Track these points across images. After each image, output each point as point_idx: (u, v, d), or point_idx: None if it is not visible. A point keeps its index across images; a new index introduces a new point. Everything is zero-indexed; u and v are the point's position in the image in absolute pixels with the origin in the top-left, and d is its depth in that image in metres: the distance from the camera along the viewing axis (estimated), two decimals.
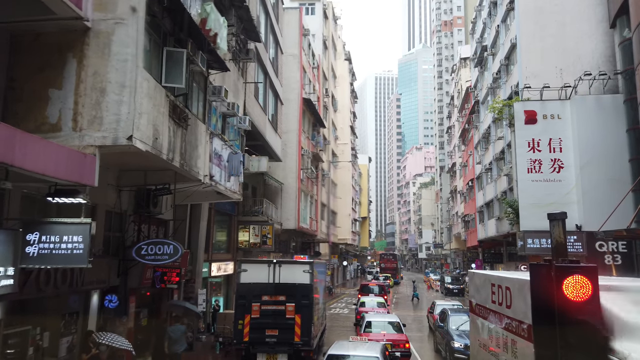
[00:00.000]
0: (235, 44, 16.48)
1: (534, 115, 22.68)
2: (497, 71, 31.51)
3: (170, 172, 11.58)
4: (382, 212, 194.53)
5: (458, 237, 54.67)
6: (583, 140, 21.91)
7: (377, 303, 24.46)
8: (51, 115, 8.53)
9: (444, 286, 46.27)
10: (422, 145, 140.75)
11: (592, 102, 22.41)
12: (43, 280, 9.46)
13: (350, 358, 10.75)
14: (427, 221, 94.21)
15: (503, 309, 7.67)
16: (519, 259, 25.94)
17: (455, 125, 57.96)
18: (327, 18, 46.79)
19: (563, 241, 4.39)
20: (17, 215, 8.74)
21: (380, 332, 16.13)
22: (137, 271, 12.95)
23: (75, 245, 8.07)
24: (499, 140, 31.16)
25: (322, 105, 42.06)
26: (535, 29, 25.49)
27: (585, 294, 3.91)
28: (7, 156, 6.37)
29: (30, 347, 9.78)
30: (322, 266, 20.46)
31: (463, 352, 14.63)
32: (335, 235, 49.48)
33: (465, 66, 52.56)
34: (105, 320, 12.35)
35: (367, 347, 11.47)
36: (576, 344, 3.84)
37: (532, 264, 4.52)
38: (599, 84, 23.07)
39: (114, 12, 8.78)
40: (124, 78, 8.59)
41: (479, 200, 38.92)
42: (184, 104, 11.31)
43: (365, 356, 10.70)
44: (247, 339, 13.64)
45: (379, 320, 17.56)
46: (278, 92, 26.11)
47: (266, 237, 24.22)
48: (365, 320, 17.42)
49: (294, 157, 31.35)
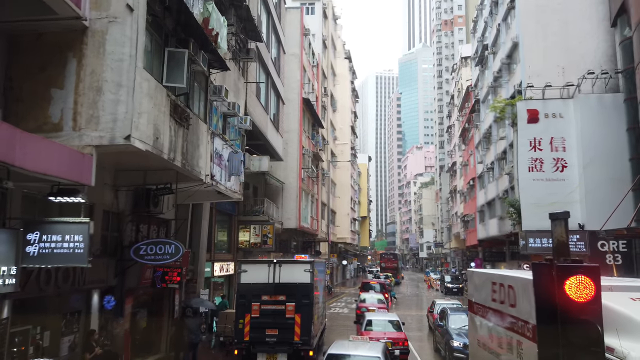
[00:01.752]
0: (235, 43, 16.46)
1: (536, 114, 22.64)
2: (498, 70, 31.46)
3: (171, 172, 11.56)
4: (383, 211, 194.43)
5: (457, 237, 54.67)
6: (586, 139, 21.87)
7: (377, 300, 25.01)
8: (53, 114, 8.53)
9: (444, 285, 46.27)
10: (423, 145, 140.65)
11: (595, 101, 22.36)
12: (44, 279, 9.46)
13: (351, 358, 10.31)
14: (427, 221, 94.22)
15: (506, 307, 7.57)
16: (522, 258, 25.92)
17: (455, 125, 57.89)
18: (327, 18, 46.80)
19: (565, 240, 4.37)
20: (18, 215, 8.74)
21: (381, 331, 16.27)
22: (135, 271, 12.92)
23: (76, 244, 8.08)
24: (501, 140, 31.13)
25: (321, 106, 42.05)
26: (537, 28, 25.44)
27: (588, 294, 3.89)
28: (8, 156, 6.36)
29: (31, 347, 9.78)
30: (322, 265, 20.44)
31: (462, 351, 14.62)
32: (334, 234, 49.49)
33: (466, 65, 52.50)
34: (106, 319, 12.36)
35: (368, 346, 11.02)
36: (579, 344, 3.82)
37: (534, 263, 4.50)
38: (601, 83, 23.03)
39: (108, 11, 8.75)
40: (120, 77, 8.56)
41: (480, 200, 38.90)
42: (185, 103, 11.29)
43: (366, 356, 10.25)
44: (248, 338, 13.64)
45: (380, 319, 17.77)
46: (280, 91, 26.10)
47: (267, 237, 24.18)
48: (366, 319, 17.65)
49: (295, 157, 31.34)
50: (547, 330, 4.02)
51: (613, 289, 6.53)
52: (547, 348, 4.00)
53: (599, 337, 3.88)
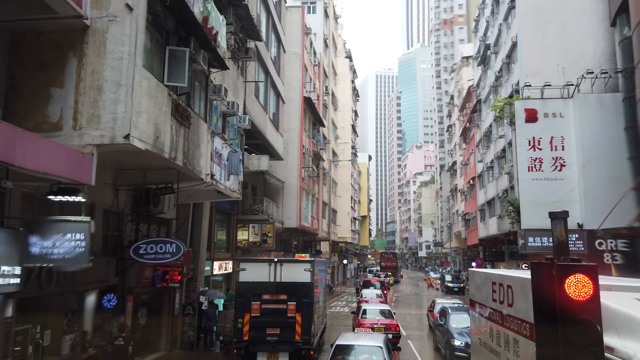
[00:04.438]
0: (234, 42, 16.48)
1: (534, 114, 22.65)
2: (499, 69, 31.49)
3: (172, 171, 11.57)
4: (383, 211, 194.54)
5: (458, 236, 54.67)
6: (585, 138, 21.88)
7: (376, 295, 27.56)
8: (52, 114, 8.53)
9: (444, 284, 46.18)
10: (422, 144, 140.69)
11: (594, 100, 22.37)
12: (45, 278, 9.47)
13: (356, 348, 11.31)
14: (427, 220, 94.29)
15: (505, 307, 7.68)
16: (521, 257, 25.94)
17: (455, 124, 57.91)
18: (328, 17, 46.84)
19: (564, 240, 4.38)
20: (18, 214, 8.75)
21: (374, 318, 18.45)
22: (134, 270, 12.94)
23: (78, 243, 8.08)
24: (500, 138, 31.16)
25: (322, 104, 42.07)
26: (537, 27, 25.45)
27: (587, 293, 3.91)
28: (8, 155, 6.37)
29: (30, 346, 9.79)
30: (323, 265, 20.48)
31: (464, 350, 14.61)
32: (335, 233, 49.53)
33: (467, 65, 52.50)
34: (103, 319, 12.36)
35: (371, 337, 12.23)
36: (578, 343, 3.84)
37: (533, 262, 4.51)
38: (600, 82, 23.04)
39: (108, 10, 8.77)
40: (120, 76, 8.58)
41: (480, 199, 38.92)
42: (186, 103, 11.30)
43: (370, 346, 11.27)
44: (247, 337, 13.64)
45: (373, 308, 20.07)
46: (280, 90, 26.10)
47: (266, 236, 24.18)
48: (362, 308, 19.70)
49: (296, 156, 31.33)
50: (545, 329, 4.04)
51: (612, 288, 6.55)
52: (545, 346, 4.02)
53: (598, 336, 3.90)
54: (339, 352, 11.24)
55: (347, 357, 11.16)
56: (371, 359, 10.91)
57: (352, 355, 11.20)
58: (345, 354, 11.21)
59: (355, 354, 11.18)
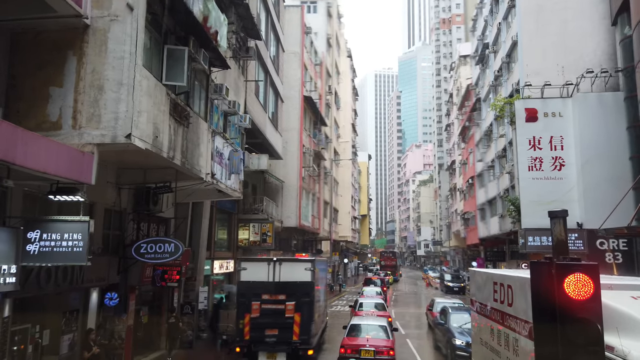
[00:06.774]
0: (236, 41, 16.46)
1: (534, 113, 22.64)
2: (499, 69, 31.46)
3: (171, 170, 11.56)
4: (382, 210, 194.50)
5: (457, 235, 54.62)
6: (585, 138, 21.87)
7: (376, 292, 28.98)
8: (52, 113, 8.52)
9: (444, 284, 45.66)
10: (421, 143, 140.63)
11: (594, 99, 22.35)
12: (44, 277, 9.47)
13: (367, 325, 15.18)
14: (425, 218, 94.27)
15: (505, 307, 7.70)
16: (521, 257, 25.93)
17: (454, 123, 57.85)
18: (331, 16, 46.87)
19: (564, 239, 4.38)
20: (18, 214, 8.74)
21: (370, 310, 20.89)
22: (137, 269, 12.95)
23: (75, 243, 8.08)
24: (501, 137, 31.14)
25: (325, 103, 42.03)
26: (537, 27, 25.43)
27: (587, 292, 3.90)
28: (9, 154, 6.37)
29: (30, 345, 9.79)
30: (324, 264, 20.48)
31: (465, 350, 14.62)
32: (336, 232, 49.53)
33: (465, 64, 52.44)
34: (105, 318, 12.38)
35: (377, 319, 16.80)
36: (578, 342, 3.83)
37: (532, 261, 4.50)
38: (600, 82, 23.02)
39: (109, 9, 8.76)
40: (121, 76, 8.57)
41: (480, 198, 38.91)
42: (185, 102, 11.29)
43: (377, 325, 15.27)
44: (248, 337, 13.67)
45: (369, 302, 22.58)
46: (279, 90, 26.08)
47: (266, 235, 24.20)
48: (359, 302, 22.37)
49: (295, 155, 31.30)
50: (544, 328, 4.03)
51: (613, 287, 6.55)
52: (544, 346, 4.01)
53: (599, 335, 3.89)
54: (354, 329, 14.94)
55: (360, 333, 14.60)
56: (377, 334, 14.50)
57: (363, 331, 14.70)
58: (358, 331, 14.77)
59: (367, 330, 14.75)
